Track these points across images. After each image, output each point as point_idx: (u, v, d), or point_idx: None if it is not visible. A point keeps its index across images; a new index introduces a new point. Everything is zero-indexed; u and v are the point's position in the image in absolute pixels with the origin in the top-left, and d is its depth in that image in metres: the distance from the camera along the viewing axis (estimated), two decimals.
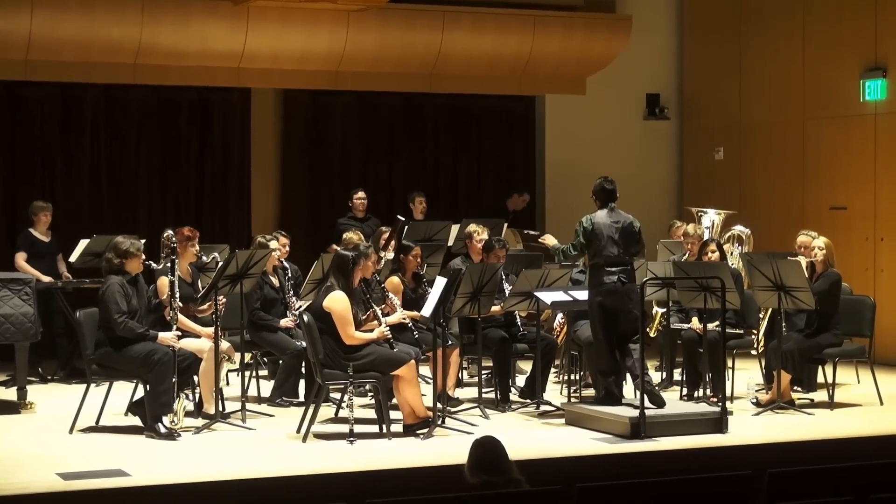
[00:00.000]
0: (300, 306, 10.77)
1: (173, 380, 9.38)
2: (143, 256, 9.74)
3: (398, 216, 12.67)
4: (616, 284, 9.80)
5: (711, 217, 13.02)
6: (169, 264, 9.70)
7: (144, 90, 14.11)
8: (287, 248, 11.47)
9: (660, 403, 9.77)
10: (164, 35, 13.37)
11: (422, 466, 8.51)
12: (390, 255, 11.63)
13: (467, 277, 10.13)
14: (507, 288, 10.86)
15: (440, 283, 9.75)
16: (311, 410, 9.47)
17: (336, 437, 9.43)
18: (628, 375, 10.11)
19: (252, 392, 11.04)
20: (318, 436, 9.47)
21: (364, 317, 9.72)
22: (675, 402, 10.48)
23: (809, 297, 10.37)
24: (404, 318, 10.14)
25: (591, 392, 10.99)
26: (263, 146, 14.91)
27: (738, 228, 12.90)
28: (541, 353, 10.70)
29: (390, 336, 9.62)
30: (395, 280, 10.72)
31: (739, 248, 12.64)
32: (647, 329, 11.66)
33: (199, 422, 9.78)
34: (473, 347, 10.77)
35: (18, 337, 10.56)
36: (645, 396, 9.60)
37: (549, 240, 10.64)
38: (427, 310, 9.83)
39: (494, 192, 15.55)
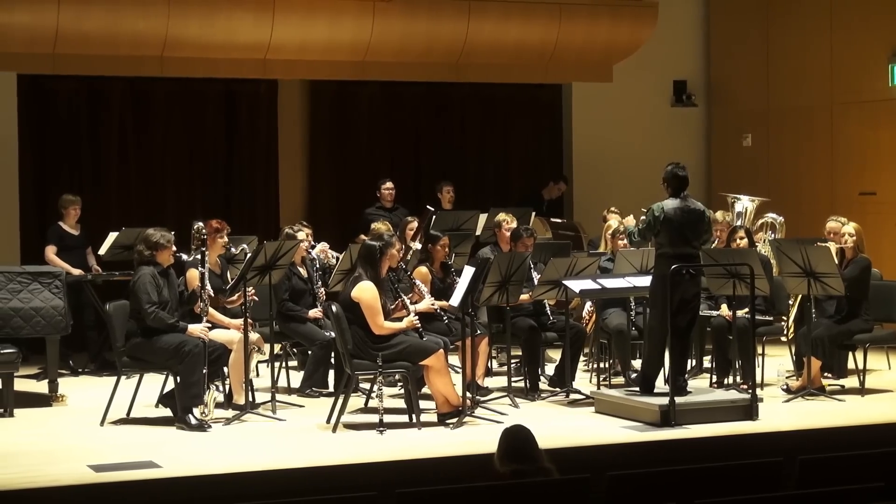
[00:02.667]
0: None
1: (203, 371, 9.41)
2: (174, 248, 9.78)
3: (427, 206, 12.65)
4: (684, 276, 9.65)
5: (745, 203, 12.92)
6: (199, 256, 9.73)
7: (171, 83, 14.14)
8: (310, 240, 11.47)
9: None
10: (190, 27, 13.40)
11: (452, 456, 8.51)
12: (418, 245, 11.63)
13: (495, 266, 10.12)
14: (536, 276, 10.85)
15: (468, 272, 9.74)
16: (340, 401, 9.48)
17: (366, 427, 9.44)
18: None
19: (282, 383, 11.06)
20: (348, 426, 9.48)
21: (393, 306, 9.73)
22: (704, 390, 10.45)
23: (839, 283, 10.32)
24: (433, 305, 10.15)
25: (620, 380, 10.97)
26: (290, 137, 14.92)
27: (771, 216, 12.83)
28: (570, 342, 10.69)
29: (419, 325, 9.62)
30: (423, 270, 10.71)
31: (773, 235, 12.56)
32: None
33: (230, 413, 9.80)
34: (502, 336, 10.75)
35: (49, 330, 10.63)
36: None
37: (628, 221, 10.60)
38: (455, 299, 9.82)
39: (522, 181, 15.53)
